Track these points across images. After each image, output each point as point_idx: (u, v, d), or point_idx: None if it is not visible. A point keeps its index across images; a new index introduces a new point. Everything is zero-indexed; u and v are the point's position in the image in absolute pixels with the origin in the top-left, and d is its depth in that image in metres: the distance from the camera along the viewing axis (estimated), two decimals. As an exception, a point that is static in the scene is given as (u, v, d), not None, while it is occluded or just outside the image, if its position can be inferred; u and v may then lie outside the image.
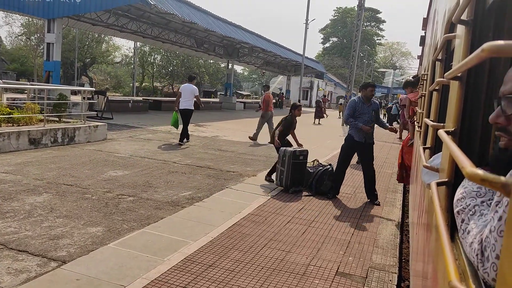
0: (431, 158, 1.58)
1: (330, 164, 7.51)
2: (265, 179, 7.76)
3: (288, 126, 7.71)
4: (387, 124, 7.46)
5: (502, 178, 0.44)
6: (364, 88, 6.90)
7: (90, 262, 3.92)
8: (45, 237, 4.44)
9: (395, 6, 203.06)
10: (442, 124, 1.40)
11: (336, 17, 73.86)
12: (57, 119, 11.26)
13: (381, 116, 25.55)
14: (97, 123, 11.49)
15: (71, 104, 13.78)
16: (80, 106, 12.23)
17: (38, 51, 41.99)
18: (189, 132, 11.80)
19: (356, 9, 24.89)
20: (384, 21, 76.81)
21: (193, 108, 11.57)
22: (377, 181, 7.32)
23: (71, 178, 6.92)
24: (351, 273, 4.20)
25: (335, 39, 74.80)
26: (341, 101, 32.14)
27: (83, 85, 39.45)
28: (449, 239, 0.64)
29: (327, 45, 75.97)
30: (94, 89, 17.69)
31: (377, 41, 77.19)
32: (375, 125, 7.06)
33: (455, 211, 0.91)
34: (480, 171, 0.48)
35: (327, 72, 58.70)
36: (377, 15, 74.94)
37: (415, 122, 5.41)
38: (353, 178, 8.39)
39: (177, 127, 11.94)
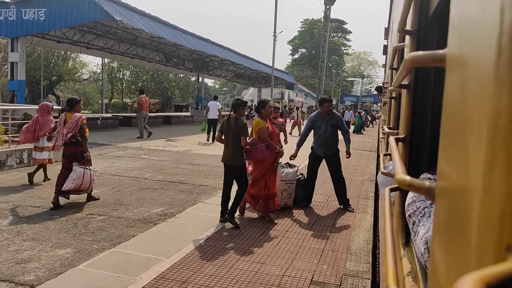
0: (387, 164, 1.62)
1: (301, 174, 7.56)
2: (231, 222, 5.83)
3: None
4: (347, 147, 7.23)
5: (427, 183, 0.46)
6: (321, 104, 7.02)
7: (59, 286, 3.81)
8: (12, 261, 4.29)
9: (360, 17, 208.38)
10: (396, 131, 1.45)
11: (303, 29, 74.99)
12: (22, 139, 10.93)
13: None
14: (64, 142, 11.20)
15: (37, 123, 13.41)
16: (47, 125, 11.89)
17: (2, 71, 40.83)
18: (161, 147, 12.14)
19: (323, 20, 25.42)
20: (350, 32, 78.43)
21: (218, 118, 15.96)
22: (348, 188, 7.42)
23: (38, 200, 6.72)
24: (325, 281, 4.22)
25: (303, 50, 75.85)
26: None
27: (50, 104, 38.45)
28: (393, 244, 0.66)
29: (296, 56, 76.95)
30: (60, 107, 17.31)
31: (344, 51, 78.71)
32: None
33: (406, 214, 0.93)
34: (407, 177, 0.50)
35: (297, 83, 59.36)
36: (343, 25, 76.56)
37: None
38: (325, 187, 8.47)
39: (204, 130, 16.83)
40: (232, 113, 5.96)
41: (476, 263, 0.31)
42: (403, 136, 1.15)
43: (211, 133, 16.21)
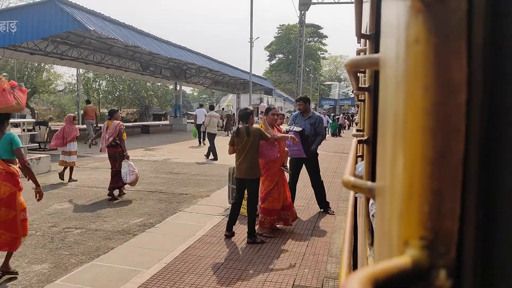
0: (357, 165, 1.64)
1: (281, 178, 7.58)
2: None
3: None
4: (312, 148, 7.05)
5: (368, 183, 0.48)
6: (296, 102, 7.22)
7: (35, 303, 3.71)
8: (-15, 281, 4.17)
9: (336, 21, 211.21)
10: (362, 133, 1.47)
11: (280, 34, 75.45)
12: (-5, 154, 10.68)
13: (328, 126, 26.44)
14: (39, 155, 11.01)
15: (11, 137, 13.13)
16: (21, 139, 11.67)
17: (-27, 84, 39.76)
18: (140, 156, 12.10)
19: (298, 26, 25.68)
20: (326, 36, 79.26)
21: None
22: (328, 191, 7.47)
23: (13, 215, 6.55)
24: (307, 285, 4.24)
25: (280, 55, 76.28)
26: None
27: (24, 117, 37.74)
28: (350, 244, 0.67)
29: (274, 62, 77.28)
30: (34, 120, 17.02)
31: (321, 55, 79.49)
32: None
33: (370, 214, 0.95)
34: (351, 178, 0.52)
35: (276, 88, 59.64)
36: (319, 30, 77.35)
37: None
38: (306, 191, 8.51)
39: (196, 136, 19.01)
40: (240, 124, 5.53)
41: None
42: (367, 138, 1.17)
43: (201, 137, 18.51)
